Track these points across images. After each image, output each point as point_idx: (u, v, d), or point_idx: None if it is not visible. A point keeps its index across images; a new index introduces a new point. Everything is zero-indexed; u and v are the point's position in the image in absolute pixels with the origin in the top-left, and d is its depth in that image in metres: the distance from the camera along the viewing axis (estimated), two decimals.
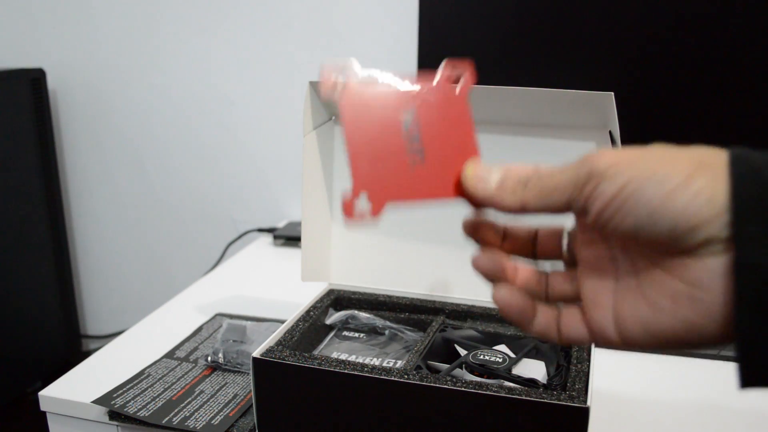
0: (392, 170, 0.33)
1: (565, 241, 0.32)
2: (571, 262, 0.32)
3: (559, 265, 0.33)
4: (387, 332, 0.60)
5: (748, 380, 0.25)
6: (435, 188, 0.33)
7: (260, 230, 1.12)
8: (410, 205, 0.33)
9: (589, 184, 0.27)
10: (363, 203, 0.32)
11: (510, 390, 0.44)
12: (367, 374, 0.46)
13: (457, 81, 0.33)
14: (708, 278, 0.24)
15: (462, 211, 0.37)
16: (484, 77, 0.41)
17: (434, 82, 0.33)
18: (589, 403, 0.42)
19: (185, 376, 0.60)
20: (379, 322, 0.60)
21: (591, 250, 0.30)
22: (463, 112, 0.34)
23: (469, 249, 0.35)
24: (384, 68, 0.33)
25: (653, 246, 0.26)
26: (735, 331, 0.24)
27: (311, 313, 0.59)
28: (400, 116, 0.33)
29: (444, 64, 0.33)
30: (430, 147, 0.33)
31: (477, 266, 0.33)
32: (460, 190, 0.34)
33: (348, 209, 0.31)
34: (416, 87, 0.33)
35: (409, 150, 0.33)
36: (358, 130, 0.33)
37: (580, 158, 0.27)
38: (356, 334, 0.60)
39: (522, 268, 0.33)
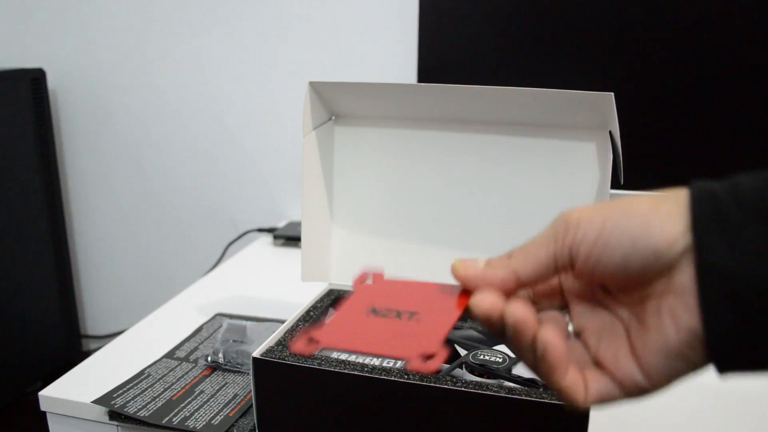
0: (359, 330, 0.35)
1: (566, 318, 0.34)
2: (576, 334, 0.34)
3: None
4: None
5: (723, 370, 0.29)
6: (377, 345, 0.35)
7: (260, 230, 1.12)
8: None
9: (568, 234, 0.30)
10: (306, 340, 0.34)
11: (510, 390, 0.44)
12: (367, 374, 0.46)
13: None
14: (691, 282, 0.28)
15: (462, 210, 0.37)
16: (484, 77, 0.41)
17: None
18: None
19: (185, 376, 0.60)
20: None
21: (590, 316, 0.33)
22: (456, 307, 0.35)
23: (469, 249, 0.35)
24: (383, 71, 0.33)
25: (642, 273, 0.29)
26: (703, 324, 0.27)
27: (311, 313, 0.59)
28: (397, 303, 0.36)
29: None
30: (407, 322, 0.35)
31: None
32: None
33: (299, 343, 0.34)
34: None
35: (386, 320, 0.35)
36: (356, 304, 0.36)
37: (550, 224, 0.31)
38: None
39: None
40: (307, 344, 0.34)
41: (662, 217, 0.28)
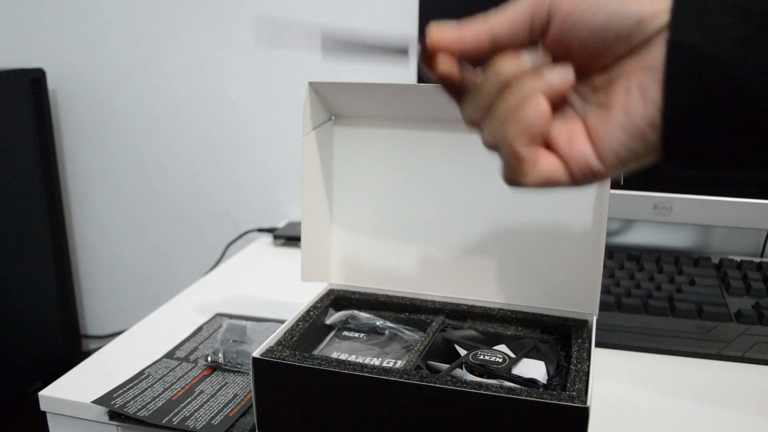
0: None
1: None
2: None
3: None
4: (387, 332, 0.60)
5: (671, 156, 0.29)
6: None
7: (260, 230, 1.12)
8: None
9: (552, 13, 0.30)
10: None
11: (510, 390, 0.44)
12: (367, 374, 0.46)
13: None
14: (663, 58, 0.28)
15: (463, 210, 0.37)
16: None
17: None
18: (589, 403, 0.42)
19: (185, 376, 0.60)
20: (379, 322, 0.60)
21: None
22: None
23: (468, 249, 0.35)
24: (383, 71, 0.34)
25: (618, 41, 0.29)
26: (664, 98, 0.28)
27: (311, 313, 0.59)
28: None
29: None
30: None
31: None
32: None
33: None
34: None
35: None
36: None
37: None
38: (356, 334, 0.60)
39: None
40: None
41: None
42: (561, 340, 0.57)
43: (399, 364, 0.54)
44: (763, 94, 0.27)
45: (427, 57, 0.34)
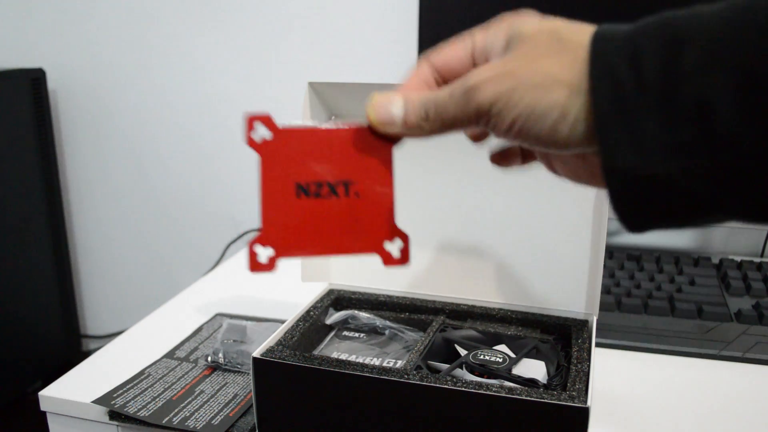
0: (298, 225, 0.33)
1: None
2: None
3: None
4: (387, 332, 0.60)
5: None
6: (338, 245, 0.33)
7: (260, 230, 1.12)
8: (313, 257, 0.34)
9: (481, 120, 0.31)
10: (265, 254, 0.32)
11: (510, 390, 0.44)
12: (367, 374, 0.46)
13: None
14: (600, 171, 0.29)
15: (462, 211, 0.37)
16: None
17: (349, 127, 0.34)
18: (589, 403, 0.42)
19: (185, 376, 0.60)
20: (379, 322, 0.60)
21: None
22: (387, 164, 0.34)
23: (469, 250, 0.35)
24: (383, 71, 0.34)
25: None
26: (612, 204, 0.29)
27: (311, 313, 0.59)
28: (319, 167, 0.33)
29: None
30: (348, 200, 0.33)
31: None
32: (375, 247, 0.34)
33: (252, 261, 0.32)
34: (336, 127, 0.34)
35: (327, 203, 0.33)
36: (275, 180, 0.33)
37: (463, 92, 0.31)
38: (356, 334, 0.60)
39: None
40: (267, 262, 0.32)
41: (570, 125, 0.28)
42: (561, 340, 0.57)
43: (399, 364, 0.54)
44: (713, 199, 0.26)
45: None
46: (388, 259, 0.33)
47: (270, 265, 0.32)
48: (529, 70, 0.29)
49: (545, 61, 0.29)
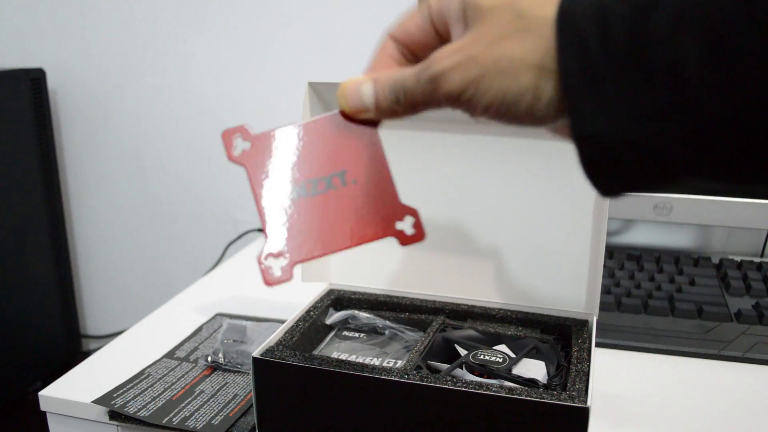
0: (304, 226, 0.32)
1: None
2: None
3: None
4: (387, 332, 0.60)
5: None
6: (347, 237, 0.32)
7: (260, 230, 1.12)
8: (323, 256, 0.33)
9: (453, 105, 0.31)
10: (278, 265, 0.31)
11: (510, 390, 0.44)
12: (367, 374, 0.46)
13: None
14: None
15: (462, 211, 0.37)
16: None
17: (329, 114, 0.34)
18: (589, 403, 0.42)
19: (185, 376, 0.60)
20: (379, 322, 0.60)
21: None
22: (375, 145, 0.34)
23: (469, 249, 0.35)
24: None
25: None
26: (586, 176, 0.29)
27: (311, 313, 0.59)
28: (308, 164, 0.33)
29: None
30: (346, 190, 0.33)
31: None
32: (377, 234, 0.33)
33: (265, 275, 0.31)
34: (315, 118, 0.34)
35: (327, 198, 0.32)
36: (268, 188, 0.32)
37: (426, 74, 0.31)
38: (356, 334, 0.60)
39: None
40: (282, 273, 0.31)
41: (545, 104, 0.28)
42: (561, 340, 0.57)
43: (399, 364, 0.54)
44: (684, 161, 0.26)
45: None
46: (403, 239, 0.32)
47: (286, 275, 0.31)
48: (493, 55, 0.29)
49: (508, 44, 0.28)
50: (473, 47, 0.29)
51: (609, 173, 0.28)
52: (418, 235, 0.32)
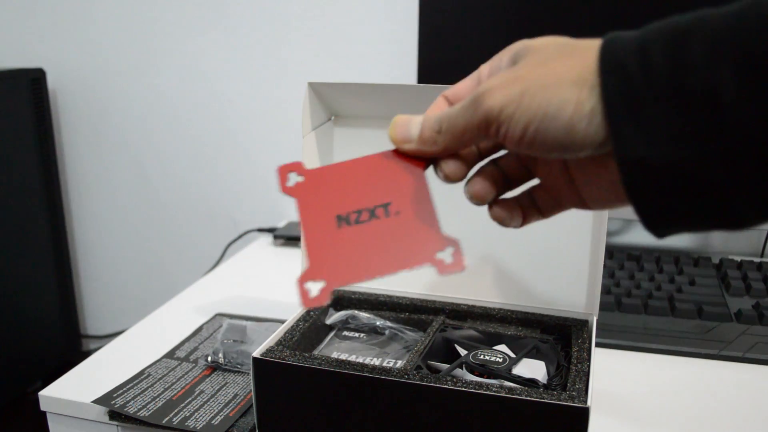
0: (344, 253, 0.34)
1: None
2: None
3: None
4: (387, 332, 0.60)
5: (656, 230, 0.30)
6: (390, 263, 0.33)
7: (260, 230, 1.12)
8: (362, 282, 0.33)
9: (491, 128, 0.31)
10: (316, 288, 0.32)
11: (510, 390, 0.44)
12: (367, 374, 0.46)
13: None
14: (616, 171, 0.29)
15: (462, 211, 0.38)
16: None
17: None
18: (589, 403, 0.42)
19: (185, 376, 0.61)
20: (379, 322, 0.60)
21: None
22: (421, 182, 0.35)
23: (468, 250, 0.35)
24: (383, 71, 0.35)
25: (578, 159, 0.32)
26: (635, 210, 0.29)
27: (311, 313, 0.59)
28: (354, 197, 0.34)
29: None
30: (389, 220, 0.34)
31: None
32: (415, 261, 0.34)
33: (304, 297, 0.32)
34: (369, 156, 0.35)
35: (369, 227, 0.34)
36: (314, 217, 0.34)
37: (471, 100, 0.32)
38: (356, 334, 0.60)
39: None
40: (319, 295, 0.32)
41: (586, 120, 0.28)
42: (561, 340, 0.57)
43: (399, 364, 0.54)
44: (726, 186, 0.26)
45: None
46: (442, 268, 0.33)
47: (323, 297, 0.32)
48: (538, 73, 0.29)
49: (553, 64, 0.29)
50: (519, 70, 0.31)
51: (655, 203, 0.28)
52: (457, 265, 0.33)
